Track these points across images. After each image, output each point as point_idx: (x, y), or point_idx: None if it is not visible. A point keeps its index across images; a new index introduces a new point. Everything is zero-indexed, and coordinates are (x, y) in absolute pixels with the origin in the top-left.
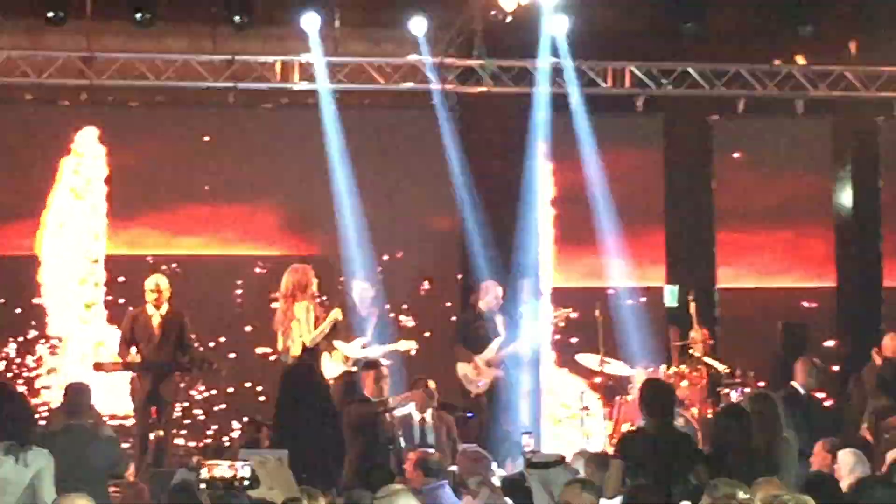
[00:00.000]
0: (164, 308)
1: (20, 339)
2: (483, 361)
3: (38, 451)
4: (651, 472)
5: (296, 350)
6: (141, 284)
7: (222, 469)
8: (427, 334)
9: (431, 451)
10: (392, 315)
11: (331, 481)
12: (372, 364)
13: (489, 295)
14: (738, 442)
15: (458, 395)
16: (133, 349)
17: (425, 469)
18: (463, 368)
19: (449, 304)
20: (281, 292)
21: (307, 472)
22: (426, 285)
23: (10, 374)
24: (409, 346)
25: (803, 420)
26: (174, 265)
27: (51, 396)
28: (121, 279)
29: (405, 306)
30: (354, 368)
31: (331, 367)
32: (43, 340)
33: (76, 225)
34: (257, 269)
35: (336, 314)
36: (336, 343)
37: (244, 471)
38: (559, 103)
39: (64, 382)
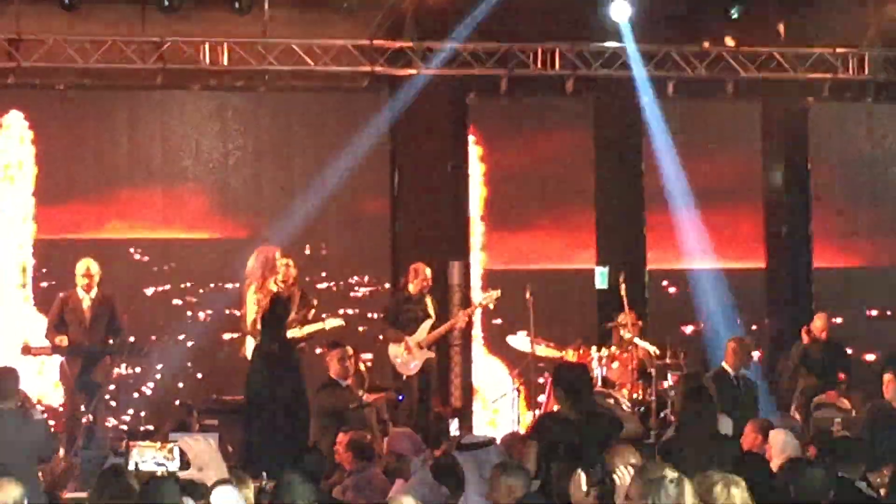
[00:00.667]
0: (94, 292)
1: None
2: (414, 343)
3: None
4: (568, 454)
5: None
6: (69, 268)
7: (152, 451)
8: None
9: (362, 433)
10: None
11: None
12: (335, 344)
13: (419, 277)
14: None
15: (390, 378)
16: (63, 334)
17: (356, 451)
18: (394, 350)
19: (381, 287)
20: (248, 273)
21: (274, 455)
22: (355, 278)
23: None
24: (336, 323)
25: (733, 400)
26: (102, 248)
27: None
28: (48, 264)
29: (334, 287)
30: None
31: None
32: None
33: (3, 208)
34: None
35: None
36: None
37: (173, 453)
38: (491, 85)
39: None
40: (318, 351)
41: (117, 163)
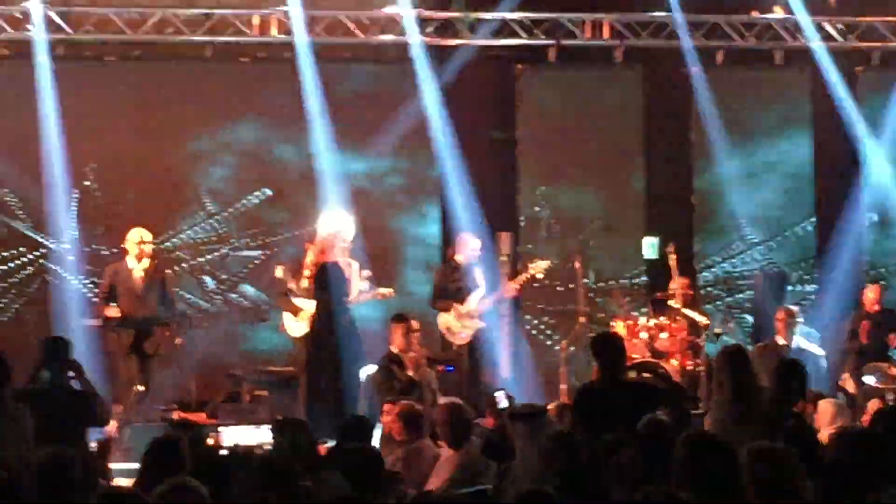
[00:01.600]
0: (146, 262)
1: None
2: (464, 313)
3: (16, 407)
4: (604, 425)
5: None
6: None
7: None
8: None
9: (411, 403)
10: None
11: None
12: (400, 317)
13: (467, 247)
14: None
15: (439, 348)
16: (113, 304)
17: (407, 421)
18: (444, 320)
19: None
20: (313, 246)
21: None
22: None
23: None
24: (385, 292)
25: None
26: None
27: None
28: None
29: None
30: None
31: (296, 326)
32: None
33: None
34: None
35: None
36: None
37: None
38: (539, 55)
39: None
40: None
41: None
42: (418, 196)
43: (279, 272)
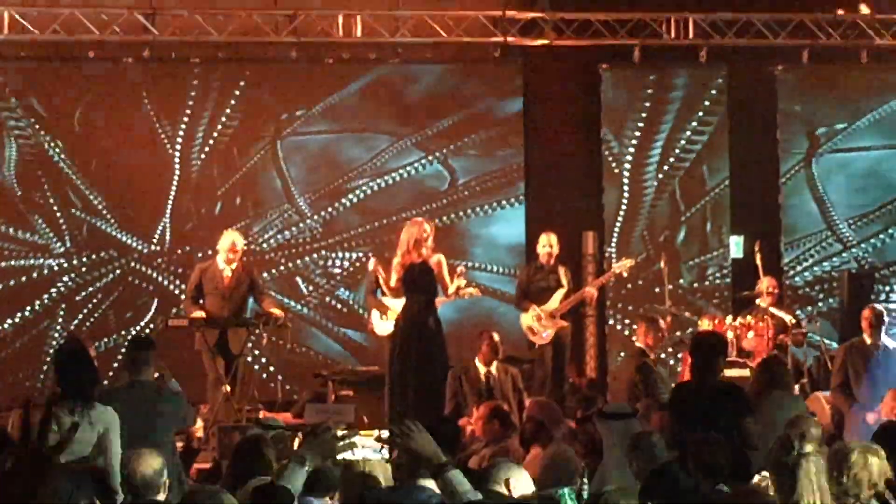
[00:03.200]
0: (235, 263)
1: None
2: (547, 312)
3: (103, 409)
4: (695, 425)
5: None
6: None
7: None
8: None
9: (501, 403)
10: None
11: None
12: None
13: (540, 244)
14: None
15: (524, 348)
16: (200, 305)
17: (502, 420)
18: (525, 320)
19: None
20: (401, 246)
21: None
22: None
23: None
24: (473, 291)
25: (870, 371)
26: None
27: None
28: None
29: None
30: None
31: (383, 325)
32: None
33: None
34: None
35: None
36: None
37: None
38: (623, 55)
39: None
40: None
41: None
42: (502, 196)
43: (371, 264)
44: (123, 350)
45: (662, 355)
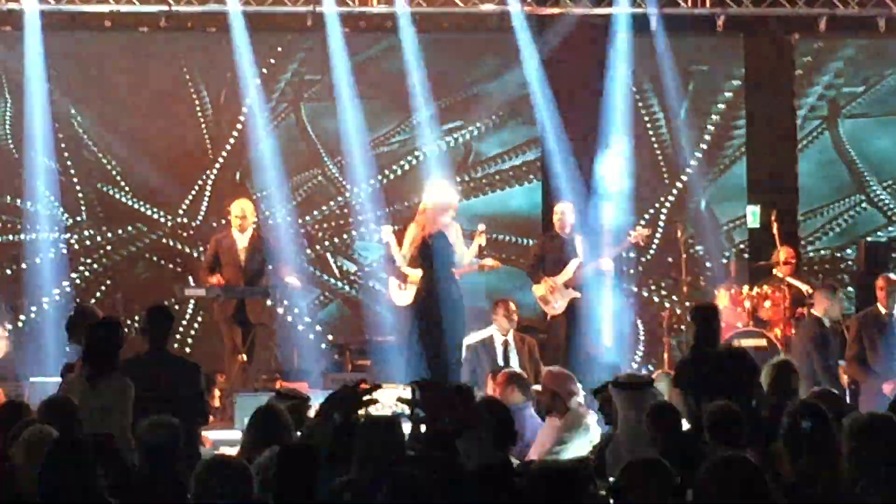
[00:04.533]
0: (249, 232)
1: None
2: (560, 283)
3: (116, 377)
4: (703, 393)
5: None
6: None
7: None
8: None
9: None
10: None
11: None
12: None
13: (566, 216)
14: None
15: (540, 318)
16: (216, 274)
17: (520, 386)
18: (537, 290)
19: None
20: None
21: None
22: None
23: None
24: (492, 262)
25: (885, 340)
26: None
27: None
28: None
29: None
30: None
31: (402, 295)
32: None
33: None
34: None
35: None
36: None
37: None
38: (640, 23)
39: None
40: None
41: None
42: (519, 166)
43: (385, 233)
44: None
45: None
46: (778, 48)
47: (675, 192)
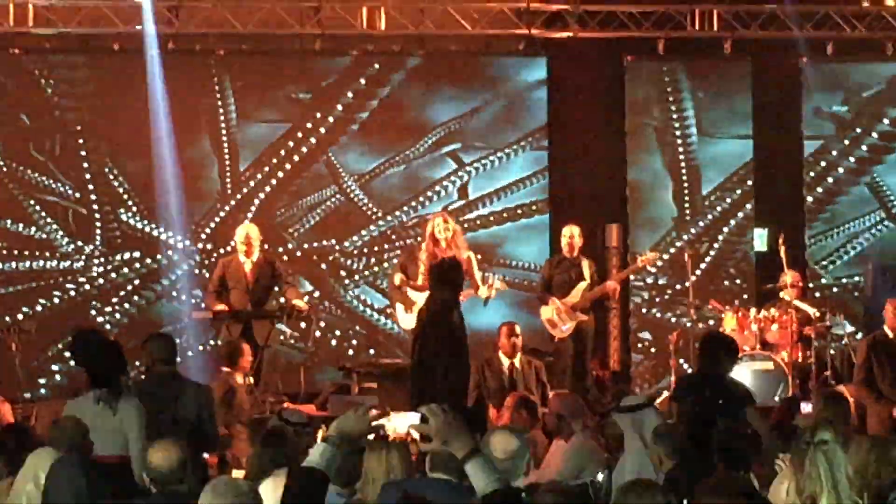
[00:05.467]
0: (255, 255)
1: None
2: (567, 305)
3: (128, 399)
4: (700, 418)
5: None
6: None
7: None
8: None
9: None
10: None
11: None
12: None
13: (564, 237)
14: None
15: (546, 341)
16: (223, 298)
17: (529, 410)
18: (544, 313)
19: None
20: (425, 240)
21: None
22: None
23: None
24: (500, 285)
25: (893, 363)
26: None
27: None
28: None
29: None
30: None
31: (408, 318)
32: None
33: None
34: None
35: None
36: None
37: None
38: (648, 47)
39: None
40: None
41: None
42: (527, 188)
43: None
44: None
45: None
46: (785, 71)
47: (678, 214)
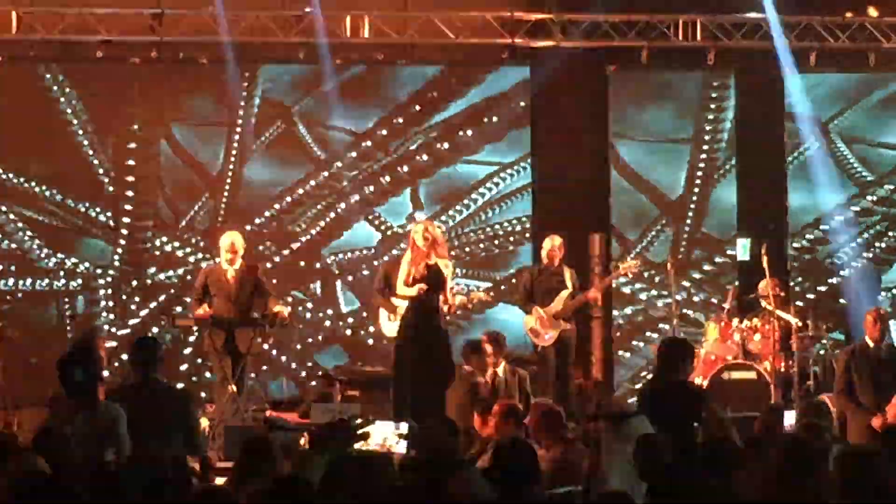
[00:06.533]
0: (238, 264)
1: None
2: (549, 314)
3: (108, 405)
4: (663, 425)
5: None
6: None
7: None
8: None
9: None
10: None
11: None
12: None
13: (545, 247)
14: None
15: (531, 350)
16: (206, 305)
17: (516, 420)
18: (529, 322)
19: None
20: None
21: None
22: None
23: None
24: (482, 295)
25: (874, 374)
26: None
27: None
28: None
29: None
30: None
31: (391, 326)
32: None
33: None
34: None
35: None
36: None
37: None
38: (631, 57)
39: None
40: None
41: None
42: (510, 197)
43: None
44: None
45: None
46: (768, 82)
47: (663, 223)
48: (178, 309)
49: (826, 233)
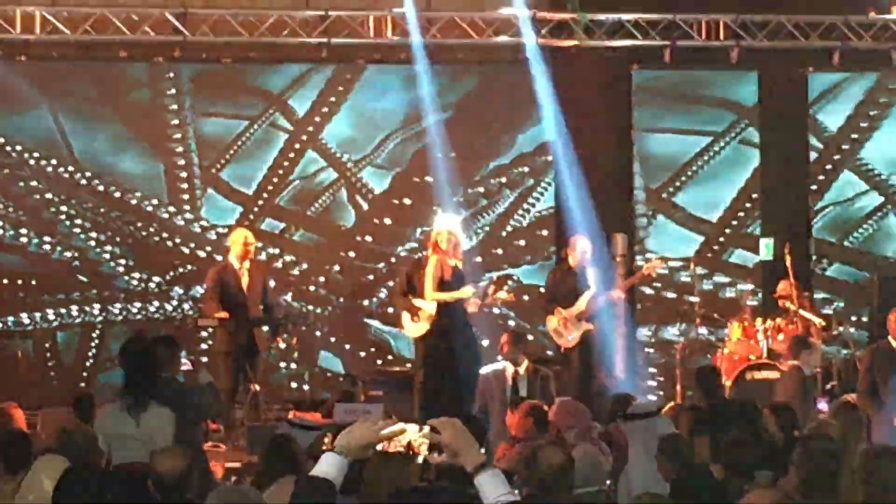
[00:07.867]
0: (248, 262)
1: None
2: (573, 315)
3: (156, 407)
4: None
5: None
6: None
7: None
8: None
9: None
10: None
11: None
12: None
13: (578, 249)
14: None
15: (554, 350)
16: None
17: (537, 419)
18: (550, 322)
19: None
20: (439, 247)
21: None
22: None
23: None
24: (506, 296)
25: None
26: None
27: None
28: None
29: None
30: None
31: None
32: None
33: None
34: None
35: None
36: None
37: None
38: (654, 56)
39: None
40: None
41: None
42: (532, 197)
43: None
44: None
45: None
46: (792, 81)
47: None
48: (186, 307)
49: None
